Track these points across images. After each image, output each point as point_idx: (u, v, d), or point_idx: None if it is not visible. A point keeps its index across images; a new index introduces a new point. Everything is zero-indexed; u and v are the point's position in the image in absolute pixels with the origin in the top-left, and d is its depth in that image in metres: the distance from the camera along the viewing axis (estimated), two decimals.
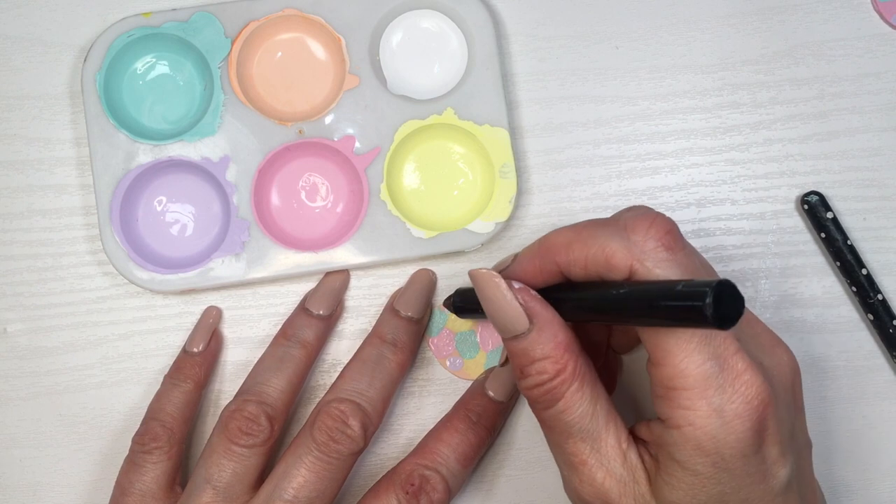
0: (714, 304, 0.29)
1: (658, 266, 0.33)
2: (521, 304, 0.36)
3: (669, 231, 0.34)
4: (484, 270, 0.36)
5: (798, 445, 0.36)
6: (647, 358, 0.35)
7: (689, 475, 0.34)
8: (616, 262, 0.34)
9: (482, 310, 0.41)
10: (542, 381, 0.35)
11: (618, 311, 0.33)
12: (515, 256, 0.37)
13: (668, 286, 0.31)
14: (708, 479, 0.34)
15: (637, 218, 0.34)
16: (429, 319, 0.45)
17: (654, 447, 0.35)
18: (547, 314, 0.36)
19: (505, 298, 0.36)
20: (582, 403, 0.35)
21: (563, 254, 0.35)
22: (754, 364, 0.33)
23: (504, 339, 0.37)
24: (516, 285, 0.36)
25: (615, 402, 0.37)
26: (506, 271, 0.37)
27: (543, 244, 0.36)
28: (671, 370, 0.33)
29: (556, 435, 0.36)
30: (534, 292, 0.36)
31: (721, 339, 0.33)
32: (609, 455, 0.35)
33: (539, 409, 0.36)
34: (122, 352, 0.45)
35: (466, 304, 0.42)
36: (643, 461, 0.35)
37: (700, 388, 0.33)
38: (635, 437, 0.36)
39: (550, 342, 0.35)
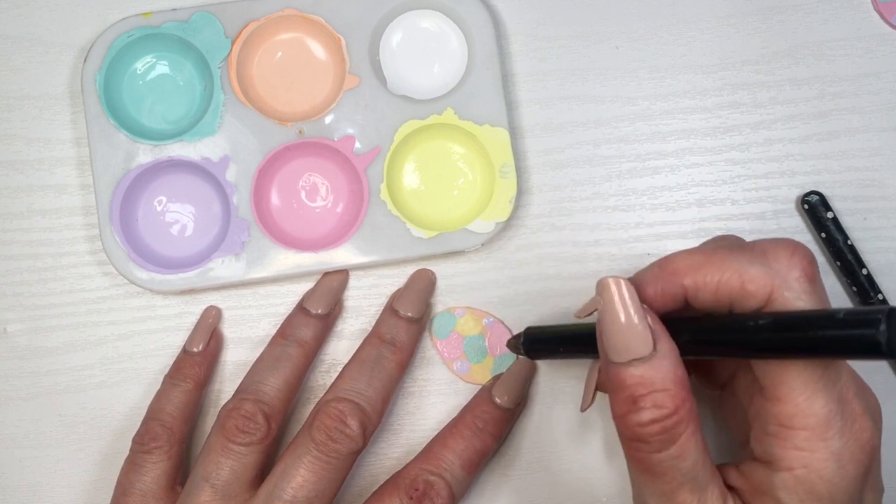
0: (888, 332, 0.27)
1: (800, 298, 0.31)
2: (648, 324, 0.33)
3: (812, 262, 0.32)
4: (612, 278, 0.33)
5: (879, 488, 0.35)
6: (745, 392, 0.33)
7: None
8: (753, 288, 0.32)
9: (562, 350, 0.38)
10: (661, 416, 0.32)
11: (755, 342, 0.31)
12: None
13: (827, 313, 0.29)
14: None
15: (778, 245, 0.32)
16: (430, 320, 0.45)
17: (749, 494, 0.33)
18: (670, 343, 0.33)
19: (636, 315, 0.32)
20: (697, 449, 0.33)
21: (691, 276, 0.33)
22: (867, 407, 0.32)
23: (612, 365, 0.33)
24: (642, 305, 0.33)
25: None
26: None
27: (666, 267, 0.34)
28: (793, 408, 0.31)
29: (664, 483, 0.33)
30: (657, 317, 0.33)
31: (844, 380, 0.32)
32: None
33: (648, 451, 0.33)
34: (122, 352, 0.45)
35: (542, 344, 0.40)
36: None
37: (821, 429, 0.31)
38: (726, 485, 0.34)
39: (671, 374, 0.32)
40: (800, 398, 0.31)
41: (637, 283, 0.34)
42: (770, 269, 0.32)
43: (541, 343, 0.41)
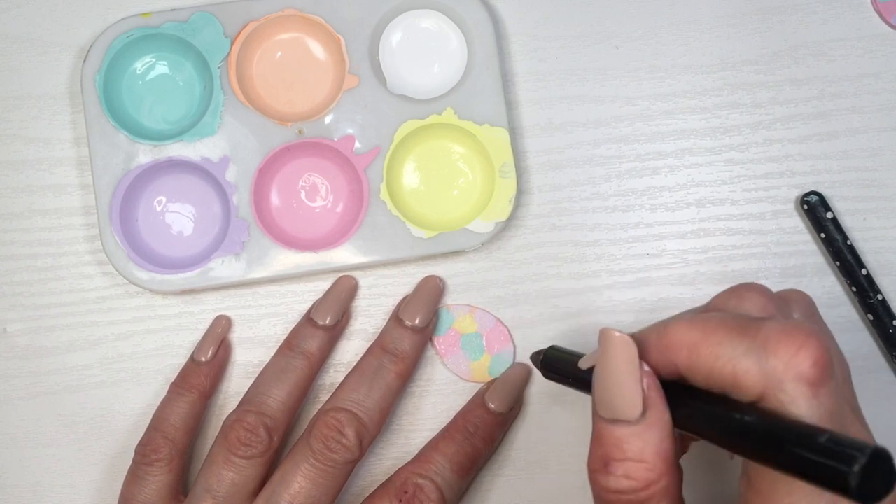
0: (861, 475, 0.24)
1: (794, 403, 0.28)
2: (643, 388, 0.31)
3: (818, 361, 0.28)
4: (619, 334, 0.31)
5: None
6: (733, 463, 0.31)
7: None
8: (746, 384, 0.29)
9: (573, 381, 0.36)
10: (628, 488, 0.30)
11: (737, 439, 0.29)
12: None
13: (808, 433, 0.26)
14: None
15: (783, 335, 0.29)
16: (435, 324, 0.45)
17: None
18: (662, 413, 0.31)
19: (630, 377, 0.31)
20: None
21: (684, 356, 0.30)
22: None
23: (597, 416, 0.31)
24: (644, 367, 0.31)
25: None
26: None
27: (663, 337, 0.31)
28: None
29: None
30: (658, 382, 0.31)
31: None
32: None
33: None
34: (122, 352, 0.45)
35: (557, 368, 0.38)
36: None
37: None
38: None
39: (653, 446, 0.30)
40: (782, 500, 0.28)
41: (640, 342, 0.32)
42: (766, 365, 0.28)
43: (556, 369, 0.38)
